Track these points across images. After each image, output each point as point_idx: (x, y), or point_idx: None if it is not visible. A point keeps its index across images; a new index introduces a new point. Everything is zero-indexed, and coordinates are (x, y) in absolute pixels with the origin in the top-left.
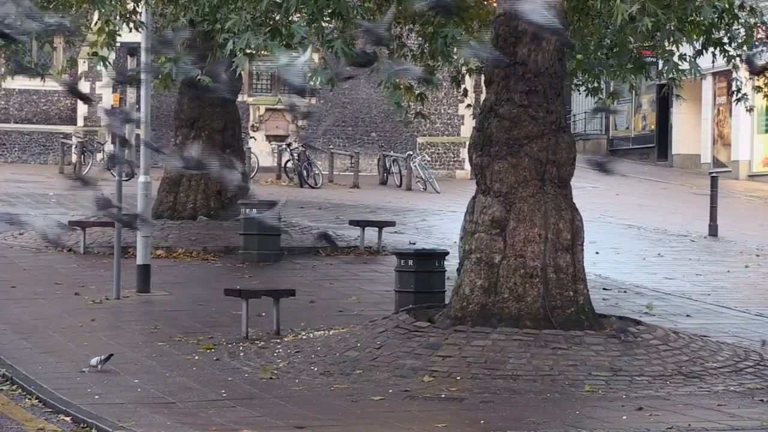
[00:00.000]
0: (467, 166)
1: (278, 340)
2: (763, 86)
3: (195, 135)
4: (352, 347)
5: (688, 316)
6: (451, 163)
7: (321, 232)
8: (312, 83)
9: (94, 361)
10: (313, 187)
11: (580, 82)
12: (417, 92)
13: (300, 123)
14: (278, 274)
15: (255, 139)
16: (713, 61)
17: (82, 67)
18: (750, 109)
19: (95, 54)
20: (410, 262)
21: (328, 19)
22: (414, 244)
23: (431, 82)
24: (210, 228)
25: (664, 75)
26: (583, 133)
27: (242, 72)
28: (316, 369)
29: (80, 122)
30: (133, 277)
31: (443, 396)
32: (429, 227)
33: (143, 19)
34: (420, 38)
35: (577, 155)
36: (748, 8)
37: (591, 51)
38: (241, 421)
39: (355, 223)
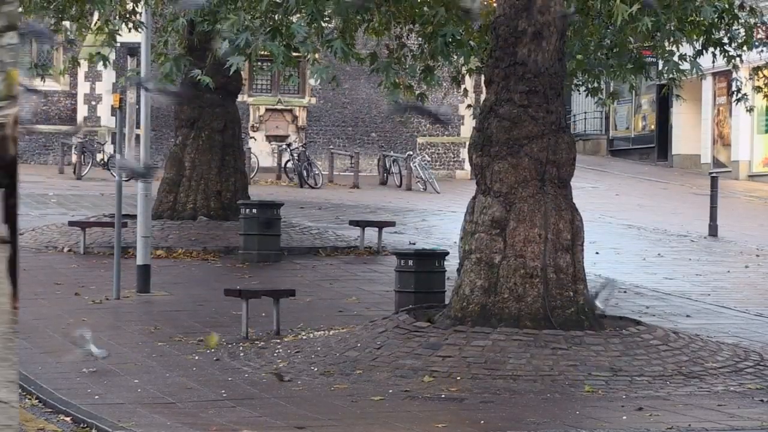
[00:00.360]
0: (467, 166)
1: (278, 340)
2: (763, 86)
3: (195, 135)
4: (352, 347)
5: (688, 316)
6: (451, 163)
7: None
8: (315, 81)
9: (97, 351)
10: (313, 188)
11: (580, 82)
12: (417, 92)
13: None
14: (278, 274)
15: (255, 140)
16: (713, 61)
17: (83, 67)
18: (750, 109)
19: (95, 53)
20: (410, 262)
21: (327, 19)
22: (414, 244)
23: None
24: (210, 228)
25: (664, 75)
26: (583, 133)
27: (242, 72)
28: (316, 369)
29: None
30: (133, 277)
31: (443, 396)
32: (429, 227)
33: (143, 19)
34: (420, 38)
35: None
36: (748, 8)
37: (591, 51)
38: (241, 421)
39: (355, 223)
